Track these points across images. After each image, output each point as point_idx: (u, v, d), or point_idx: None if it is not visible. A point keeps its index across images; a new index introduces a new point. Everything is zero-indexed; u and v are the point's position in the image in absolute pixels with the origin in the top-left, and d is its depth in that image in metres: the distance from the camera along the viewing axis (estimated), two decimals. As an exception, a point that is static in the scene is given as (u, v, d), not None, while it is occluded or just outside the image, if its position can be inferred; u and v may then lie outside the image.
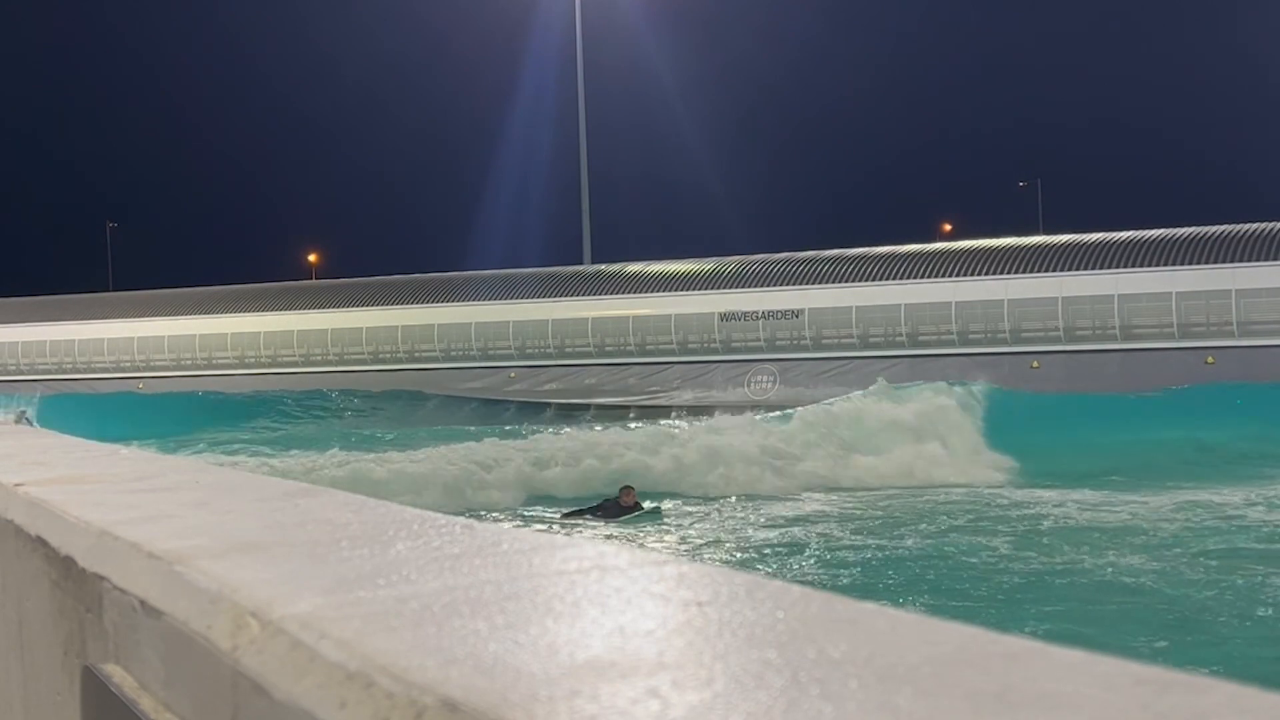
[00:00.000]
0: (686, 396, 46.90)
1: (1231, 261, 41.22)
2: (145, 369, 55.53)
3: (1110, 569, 15.51)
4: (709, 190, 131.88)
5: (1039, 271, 43.77)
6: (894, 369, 44.62)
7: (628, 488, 21.29)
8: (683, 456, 26.68)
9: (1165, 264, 42.17)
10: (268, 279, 60.85)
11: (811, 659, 0.91)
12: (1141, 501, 21.89)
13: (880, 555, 17.35)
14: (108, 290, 67.45)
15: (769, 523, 20.81)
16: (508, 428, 40.78)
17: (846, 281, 46.53)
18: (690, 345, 48.11)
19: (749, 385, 46.45)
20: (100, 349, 56.50)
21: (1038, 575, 15.45)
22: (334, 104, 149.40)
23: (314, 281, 65.15)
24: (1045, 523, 19.90)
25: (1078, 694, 0.81)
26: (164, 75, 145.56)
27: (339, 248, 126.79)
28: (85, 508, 1.97)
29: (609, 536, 19.19)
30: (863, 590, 14.31)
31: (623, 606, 1.11)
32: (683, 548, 18.62)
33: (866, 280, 46.31)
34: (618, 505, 20.76)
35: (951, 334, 44.57)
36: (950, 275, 45.10)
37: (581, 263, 57.87)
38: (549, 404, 48.37)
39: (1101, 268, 42.89)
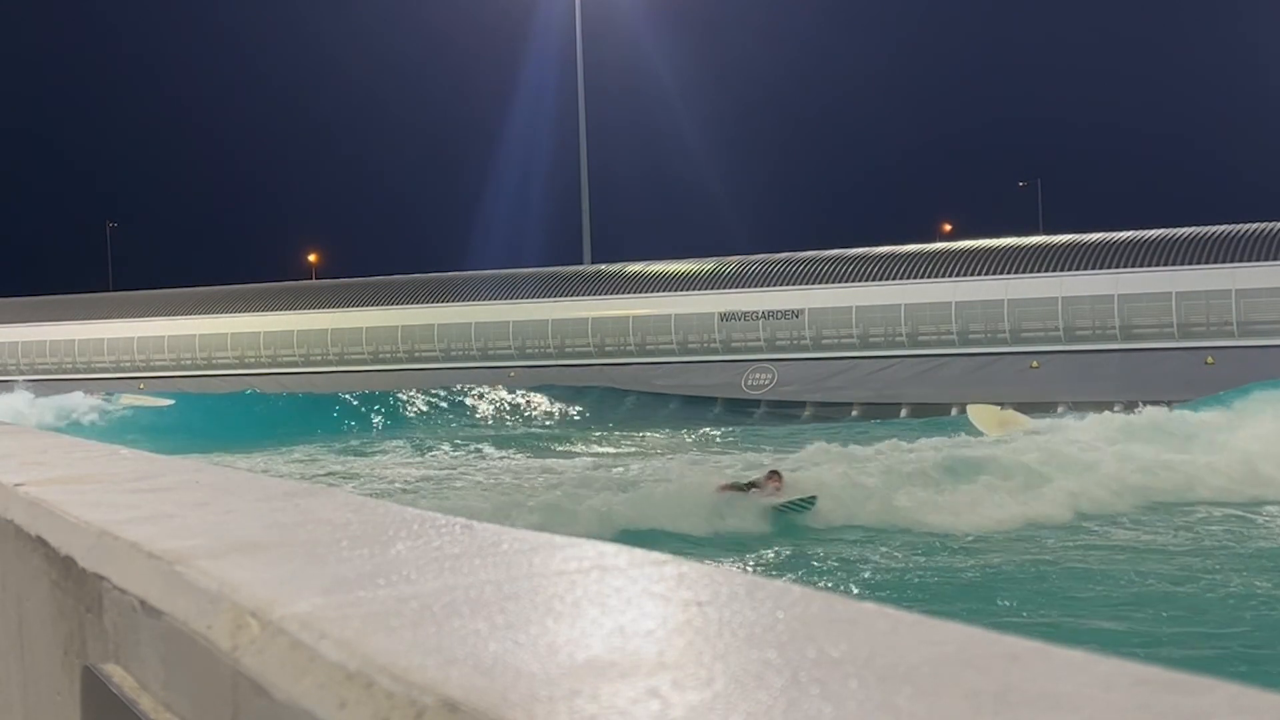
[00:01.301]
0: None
1: (1231, 261, 41.22)
2: (145, 369, 55.55)
3: None
4: (709, 190, 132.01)
5: (1039, 271, 43.78)
6: (893, 369, 44.67)
7: (774, 472, 19.60)
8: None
9: (1165, 264, 42.16)
10: (268, 279, 60.92)
11: (811, 659, 0.91)
12: None
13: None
14: (108, 290, 67.48)
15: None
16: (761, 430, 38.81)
17: (846, 281, 46.53)
18: (690, 345, 48.11)
19: (746, 382, 46.45)
20: (100, 349, 56.51)
21: None
22: (334, 103, 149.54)
23: (314, 281, 65.17)
24: None
25: (1078, 694, 0.81)
26: (164, 75, 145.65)
27: (339, 248, 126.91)
28: (85, 508, 1.97)
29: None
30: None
31: (623, 606, 1.11)
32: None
33: (866, 280, 46.31)
34: (761, 490, 19.29)
35: (951, 334, 44.57)
36: (950, 275, 45.10)
37: (581, 263, 57.88)
38: (807, 404, 46.15)
39: (1101, 268, 42.89)
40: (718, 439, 36.13)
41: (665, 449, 33.27)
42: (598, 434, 39.63)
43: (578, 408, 46.83)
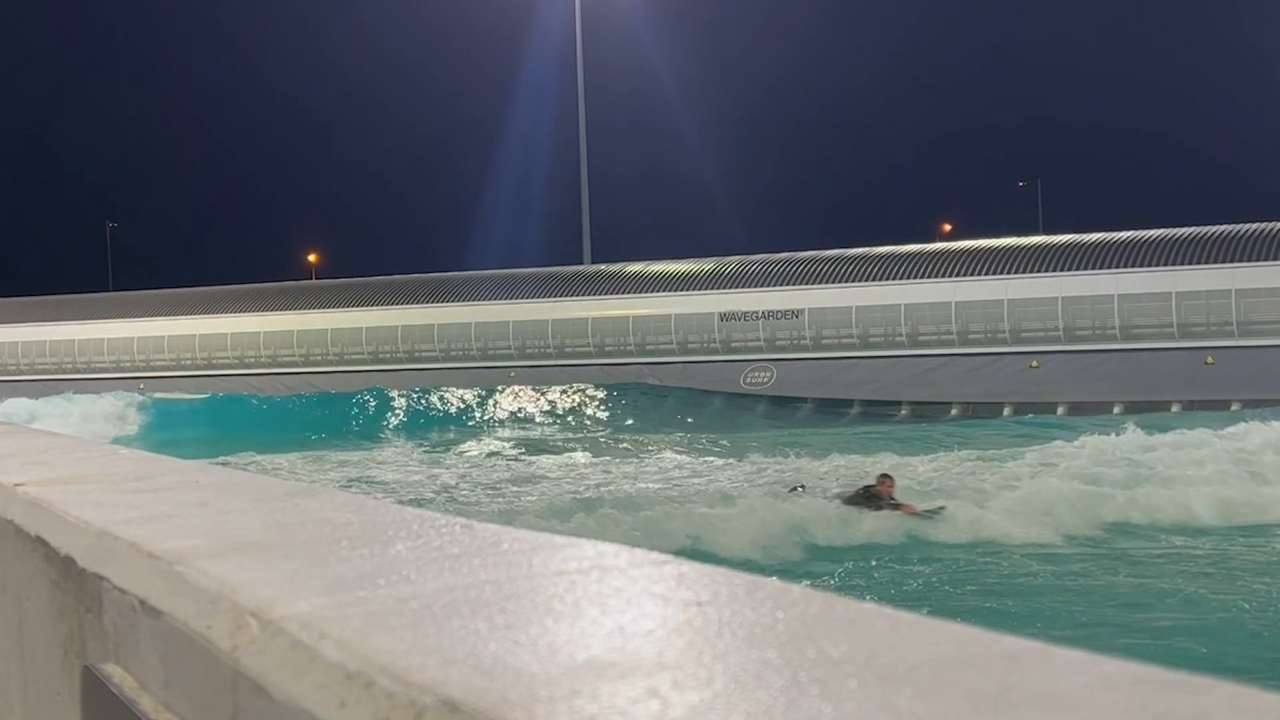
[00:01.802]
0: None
1: (1231, 261, 41.21)
2: (145, 369, 55.54)
3: None
4: (709, 190, 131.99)
5: (1039, 271, 43.77)
6: (894, 369, 44.67)
7: (886, 477, 18.93)
8: None
9: (1165, 264, 42.15)
10: (268, 279, 60.91)
11: (811, 659, 0.91)
12: None
13: None
14: (108, 290, 67.46)
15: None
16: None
17: (846, 281, 46.52)
18: (690, 345, 48.10)
19: (745, 381, 46.44)
20: (100, 349, 56.49)
21: None
22: (335, 104, 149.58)
23: (314, 281, 65.15)
24: None
25: (1078, 694, 0.81)
26: (164, 75, 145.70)
27: (339, 248, 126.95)
28: (85, 508, 1.97)
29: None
30: None
31: (623, 606, 1.11)
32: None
33: (866, 280, 46.29)
34: (875, 495, 18.44)
35: (951, 334, 44.57)
36: (950, 275, 45.10)
37: (581, 263, 57.87)
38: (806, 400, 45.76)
39: (1101, 268, 42.88)
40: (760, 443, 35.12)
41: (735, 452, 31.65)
42: (635, 436, 39.29)
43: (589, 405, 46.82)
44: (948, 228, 74.43)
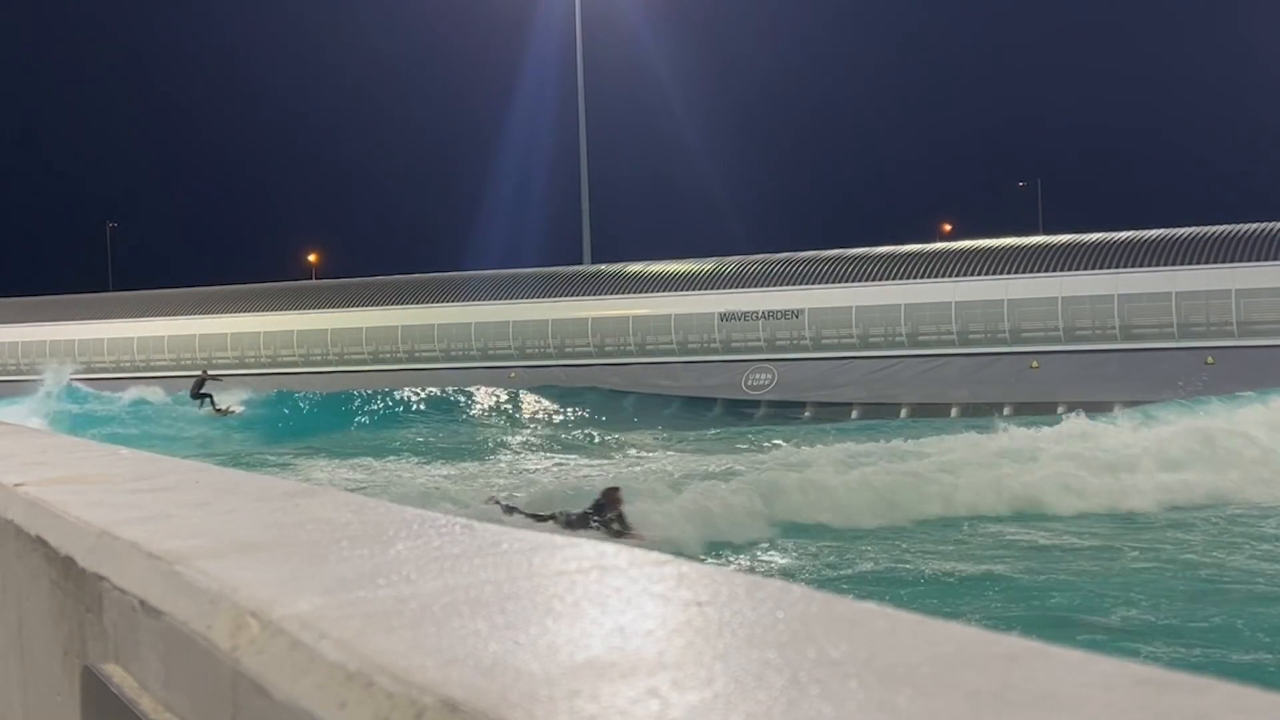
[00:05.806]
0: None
1: (1231, 261, 41.22)
2: (145, 369, 55.52)
3: None
4: (709, 190, 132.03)
5: (1039, 271, 43.78)
6: (893, 369, 44.67)
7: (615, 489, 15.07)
8: None
9: (1165, 264, 42.16)
10: (268, 279, 60.91)
11: (811, 659, 0.91)
12: None
13: None
14: (108, 290, 67.46)
15: None
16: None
17: (846, 281, 46.53)
18: (690, 345, 48.09)
19: (746, 383, 46.44)
20: (100, 349, 56.49)
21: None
22: (334, 104, 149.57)
23: (314, 281, 65.17)
24: None
25: (1078, 694, 0.81)
26: (163, 75, 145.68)
27: (339, 248, 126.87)
28: (85, 508, 1.97)
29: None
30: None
31: (623, 606, 1.11)
32: None
33: (866, 280, 46.31)
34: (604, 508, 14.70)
35: (951, 334, 44.57)
36: (950, 275, 45.11)
37: (581, 263, 57.87)
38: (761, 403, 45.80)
39: (1101, 268, 42.89)
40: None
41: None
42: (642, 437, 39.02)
43: (580, 409, 46.75)
44: (948, 228, 74.50)
